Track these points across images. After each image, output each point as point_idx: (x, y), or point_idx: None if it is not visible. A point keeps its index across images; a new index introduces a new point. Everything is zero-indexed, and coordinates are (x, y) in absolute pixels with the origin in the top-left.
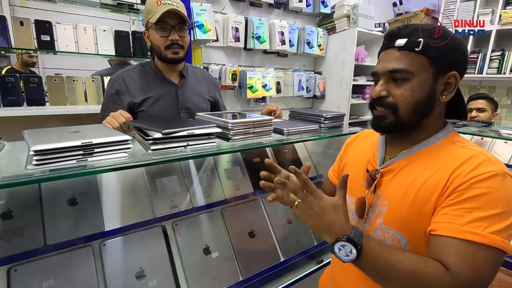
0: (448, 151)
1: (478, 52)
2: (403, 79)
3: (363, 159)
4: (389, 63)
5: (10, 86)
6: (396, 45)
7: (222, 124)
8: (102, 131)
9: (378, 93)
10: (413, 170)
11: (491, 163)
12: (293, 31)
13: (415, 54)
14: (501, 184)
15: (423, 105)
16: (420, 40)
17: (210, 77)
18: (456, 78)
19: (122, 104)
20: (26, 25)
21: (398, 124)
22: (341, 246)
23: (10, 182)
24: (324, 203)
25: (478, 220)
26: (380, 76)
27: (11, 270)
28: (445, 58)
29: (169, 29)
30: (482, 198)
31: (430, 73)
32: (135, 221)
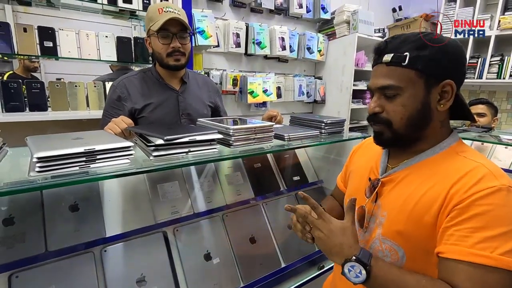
0: (450, 162)
1: (478, 57)
2: (394, 95)
3: (366, 167)
4: (378, 79)
5: (12, 92)
6: (383, 61)
7: (223, 130)
8: (104, 138)
9: (372, 109)
10: (413, 180)
11: (493, 177)
12: (293, 37)
13: (402, 69)
14: (505, 199)
15: (418, 117)
16: (406, 54)
17: (211, 83)
18: (452, 86)
19: (123, 110)
20: (29, 32)
21: (396, 138)
22: (351, 267)
23: (13, 189)
24: (332, 225)
25: (485, 240)
26: (373, 92)
27: (12, 276)
28: (435, 67)
29: (171, 37)
30: (486, 216)
31: (421, 85)
32: (136, 227)
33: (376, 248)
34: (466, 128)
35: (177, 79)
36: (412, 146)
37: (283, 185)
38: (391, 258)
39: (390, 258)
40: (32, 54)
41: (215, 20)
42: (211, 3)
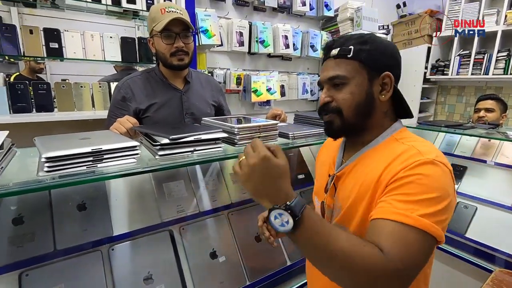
0: (389, 148)
1: (484, 53)
2: (342, 84)
3: (325, 164)
4: (328, 71)
5: (19, 93)
6: (331, 55)
7: (228, 129)
8: (111, 138)
9: (323, 99)
10: (358, 170)
11: (419, 154)
12: (296, 35)
13: (348, 60)
14: (429, 170)
15: (364, 105)
16: (350, 47)
17: (214, 82)
18: (390, 78)
19: (128, 111)
20: (35, 33)
21: (345, 126)
22: (278, 215)
23: (22, 188)
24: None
25: (408, 203)
26: (323, 84)
27: (22, 275)
28: (375, 60)
29: (174, 37)
30: (411, 184)
31: (364, 76)
32: (142, 226)
33: None
34: (473, 124)
35: (181, 79)
36: (360, 136)
37: None
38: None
39: None
40: (38, 56)
41: (218, 19)
42: (214, 2)
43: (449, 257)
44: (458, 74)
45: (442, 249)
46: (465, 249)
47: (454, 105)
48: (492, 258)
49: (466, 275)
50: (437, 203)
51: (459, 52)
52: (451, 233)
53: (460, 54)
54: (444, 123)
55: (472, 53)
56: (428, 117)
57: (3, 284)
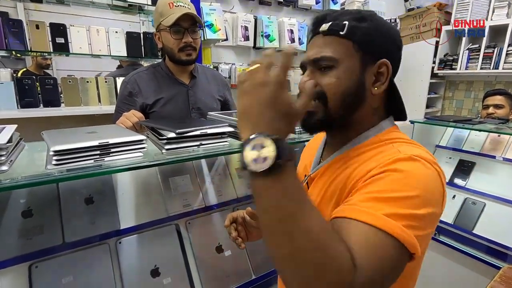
0: (370, 149)
1: (494, 47)
2: (328, 67)
3: (302, 165)
4: (313, 51)
5: (27, 88)
6: (321, 30)
7: (234, 123)
8: (117, 132)
9: (303, 83)
10: (331, 172)
11: (397, 152)
12: (302, 29)
13: (340, 39)
14: (406, 166)
15: (352, 94)
16: (345, 23)
17: (220, 77)
18: (387, 66)
19: (135, 106)
20: (42, 28)
21: (328, 118)
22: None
23: (31, 181)
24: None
25: (373, 200)
26: (307, 66)
27: (32, 266)
28: (373, 43)
29: (183, 32)
30: (382, 181)
31: (357, 60)
32: (149, 220)
33: None
34: (481, 119)
35: (187, 74)
36: (340, 133)
37: None
38: None
39: None
40: (44, 51)
41: (224, 13)
42: None
43: (456, 253)
44: (467, 68)
45: (450, 246)
46: (473, 245)
47: (462, 100)
48: (500, 255)
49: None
50: (412, 206)
51: (468, 46)
52: (459, 229)
53: (469, 48)
54: (453, 118)
55: (482, 47)
56: (436, 112)
57: (13, 275)
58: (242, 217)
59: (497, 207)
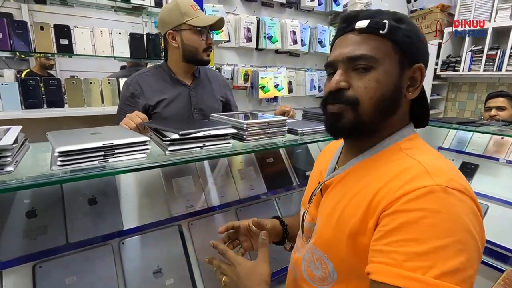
0: (389, 161)
1: (497, 49)
2: (367, 68)
3: (318, 171)
4: (348, 48)
5: (31, 89)
6: (357, 27)
7: (237, 124)
8: (121, 133)
9: (337, 84)
10: (347, 183)
11: (427, 175)
12: (305, 30)
13: (379, 38)
14: (440, 203)
15: (389, 100)
16: (385, 21)
17: (222, 78)
18: (422, 71)
19: (137, 107)
20: (46, 30)
21: (358, 124)
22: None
23: (36, 182)
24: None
25: (416, 257)
26: (338, 65)
27: (36, 266)
28: (411, 45)
29: (206, 33)
30: (417, 225)
31: (395, 63)
32: (152, 221)
33: (308, 259)
34: (484, 121)
35: (189, 74)
36: (364, 140)
37: (296, 180)
38: (322, 272)
39: (321, 271)
40: (49, 52)
41: (226, 14)
42: None
43: None
44: (470, 70)
45: None
46: None
47: (465, 102)
48: (503, 257)
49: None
50: (456, 253)
51: (471, 48)
52: None
53: (472, 49)
54: (456, 120)
55: (485, 48)
56: (438, 114)
57: (17, 275)
58: (247, 226)
59: (500, 209)
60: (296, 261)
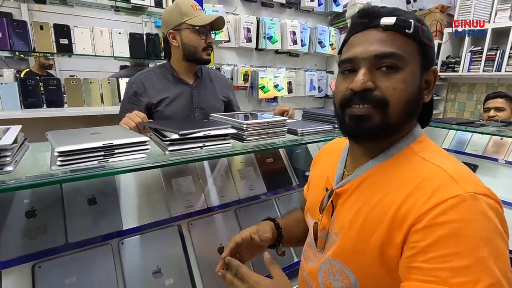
0: (407, 165)
1: (496, 49)
2: (395, 68)
3: (323, 175)
4: (373, 45)
5: (30, 89)
6: (382, 23)
7: (237, 125)
8: (121, 133)
9: (363, 84)
10: (366, 190)
11: (454, 183)
12: (304, 31)
13: (405, 38)
14: (472, 212)
15: (414, 103)
16: (411, 21)
17: (224, 78)
18: (435, 75)
19: (140, 105)
20: (46, 29)
21: (385, 126)
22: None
23: (36, 182)
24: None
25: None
26: (361, 63)
27: (35, 266)
28: (430, 48)
29: (206, 33)
30: (454, 238)
31: (418, 64)
32: (151, 221)
33: (326, 270)
34: (483, 122)
35: (191, 74)
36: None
37: (295, 180)
38: (343, 283)
39: (342, 283)
40: (48, 52)
41: (226, 15)
42: None
43: None
44: (469, 71)
45: None
46: None
47: (464, 102)
48: None
49: None
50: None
51: (470, 49)
52: None
53: (472, 50)
54: (455, 121)
55: (484, 49)
56: (438, 115)
57: (17, 275)
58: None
59: None
60: (310, 272)
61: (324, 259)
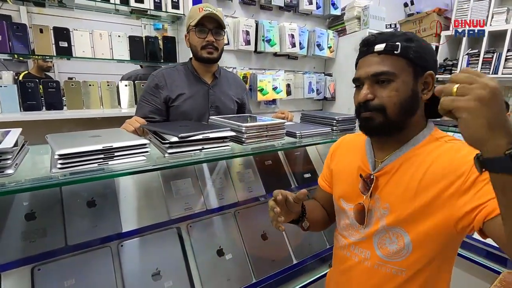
0: (436, 146)
1: (493, 52)
2: (388, 81)
3: (353, 165)
4: (371, 67)
5: (29, 91)
6: (376, 50)
7: (236, 127)
8: (121, 136)
9: (364, 96)
10: (409, 168)
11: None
12: (303, 34)
13: (395, 57)
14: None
15: (409, 103)
16: (398, 44)
17: (240, 81)
18: (432, 77)
19: (159, 97)
20: (45, 32)
21: (387, 124)
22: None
23: (36, 185)
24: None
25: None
26: (364, 81)
27: (34, 269)
28: (421, 59)
29: (207, 32)
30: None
31: (410, 74)
32: (151, 223)
33: (383, 237)
34: None
35: (210, 74)
36: (395, 137)
37: (294, 182)
38: (398, 245)
39: (397, 245)
40: (48, 54)
41: (225, 18)
42: (221, 1)
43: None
44: None
45: None
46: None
47: None
48: (500, 260)
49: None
50: None
51: (467, 51)
52: None
53: (469, 53)
54: (452, 123)
55: (481, 52)
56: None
57: (16, 278)
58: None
59: None
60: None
61: (376, 230)
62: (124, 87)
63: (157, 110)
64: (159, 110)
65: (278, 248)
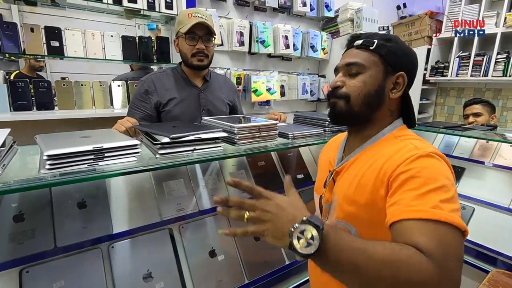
0: (388, 144)
1: (483, 55)
2: (357, 73)
3: (326, 161)
4: (347, 58)
5: (20, 91)
6: (355, 44)
7: (228, 128)
8: (112, 136)
9: (334, 83)
10: (357, 165)
11: (415, 149)
12: (297, 35)
13: (369, 52)
14: (426, 163)
15: (373, 97)
16: (374, 41)
17: (231, 83)
18: (404, 78)
19: (149, 103)
20: (36, 31)
21: (349, 112)
22: (300, 233)
23: (24, 186)
24: (279, 200)
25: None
26: (339, 70)
27: (23, 271)
28: (395, 58)
29: (197, 39)
30: (413, 179)
31: (381, 70)
32: (142, 224)
33: None
34: (470, 126)
35: (200, 78)
36: (361, 130)
37: None
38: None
39: None
40: (39, 54)
41: (219, 19)
42: (215, 2)
43: None
44: (458, 75)
45: None
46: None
47: (453, 106)
48: (489, 259)
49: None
50: (443, 192)
51: (458, 54)
52: None
53: (460, 55)
54: (443, 125)
55: (472, 54)
56: (427, 118)
57: (3, 280)
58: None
59: (486, 212)
60: None
61: (331, 224)
62: (117, 87)
63: (147, 116)
64: (150, 116)
65: (270, 249)
